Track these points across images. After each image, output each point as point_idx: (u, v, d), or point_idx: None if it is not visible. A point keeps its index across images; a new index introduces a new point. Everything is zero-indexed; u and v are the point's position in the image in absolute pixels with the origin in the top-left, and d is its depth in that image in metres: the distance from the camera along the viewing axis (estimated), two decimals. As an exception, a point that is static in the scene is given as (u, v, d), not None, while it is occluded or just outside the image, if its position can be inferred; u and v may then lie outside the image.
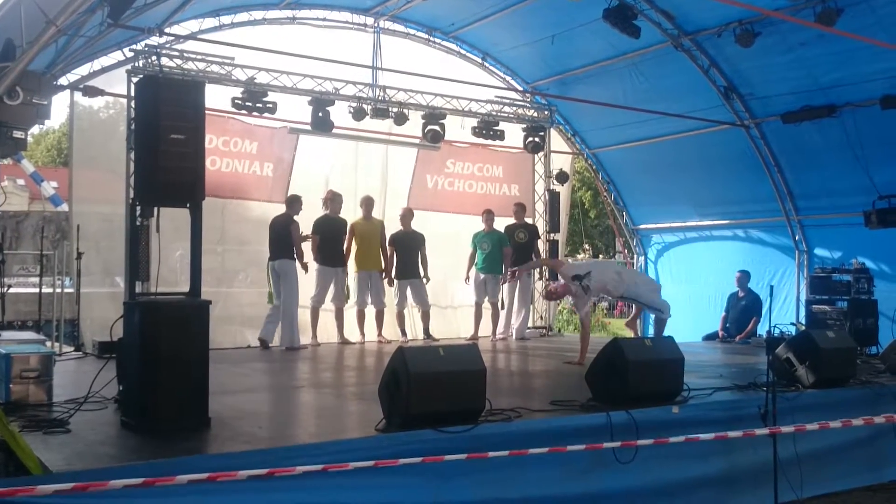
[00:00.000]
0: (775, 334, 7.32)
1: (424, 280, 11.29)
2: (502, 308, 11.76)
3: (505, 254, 11.57)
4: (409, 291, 11.21)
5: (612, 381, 5.74)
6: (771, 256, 13.03)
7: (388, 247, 11.13)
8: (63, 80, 10.01)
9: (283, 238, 10.05)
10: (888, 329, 9.77)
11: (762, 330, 11.10)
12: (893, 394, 6.82)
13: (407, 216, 11.43)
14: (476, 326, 11.67)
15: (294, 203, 10.27)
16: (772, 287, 7.59)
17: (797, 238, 12.63)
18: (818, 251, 12.42)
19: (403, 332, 11.34)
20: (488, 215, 11.71)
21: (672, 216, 14.39)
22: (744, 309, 11.84)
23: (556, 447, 4.78)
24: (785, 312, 12.42)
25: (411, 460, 4.26)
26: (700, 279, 14.02)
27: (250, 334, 10.61)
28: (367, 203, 11.13)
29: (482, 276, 11.56)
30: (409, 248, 11.24)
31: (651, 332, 14.57)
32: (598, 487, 5.29)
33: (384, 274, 11.10)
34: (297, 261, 10.08)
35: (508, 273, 11.03)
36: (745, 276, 12.04)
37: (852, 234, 11.37)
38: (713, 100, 12.03)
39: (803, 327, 10.15)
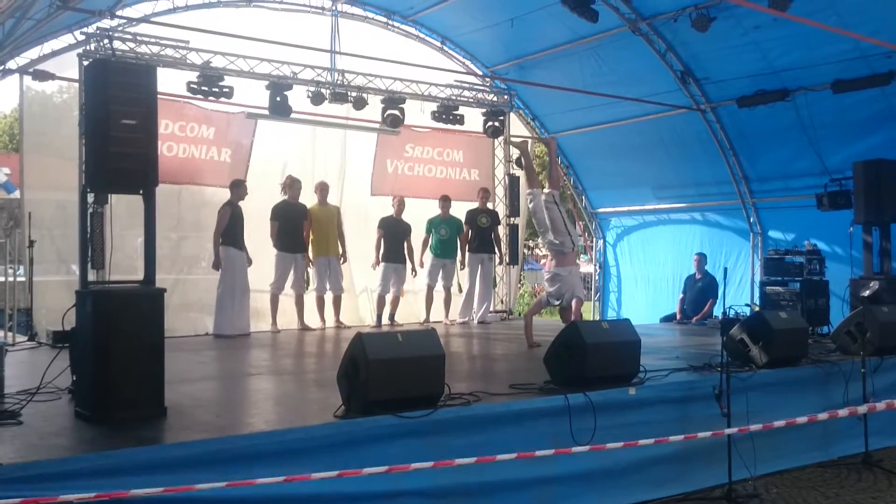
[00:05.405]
0: (730, 315, 7.45)
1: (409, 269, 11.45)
2: (460, 292, 11.81)
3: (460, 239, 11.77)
4: (393, 276, 11.23)
5: (570, 363, 5.78)
6: (727, 239, 13.24)
7: (376, 230, 11.32)
8: (12, 64, 9.78)
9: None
10: (839, 309, 9.97)
11: (718, 311, 11.28)
12: (843, 372, 6.99)
13: (400, 205, 11.53)
14: (428, 311, 11.69)
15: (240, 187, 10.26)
16: (726, 269, 7.73)
17: (752, 220, 12.84)
18: (772, 233, 12.64)
19: (379, 320, 11.27)
20: (444, 202, 11.75)
21: (630, 200, 14.52)
22: (700, 291, 12.03)
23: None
24: (740, 294, 12.63)
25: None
26: (658, 262, 14.22)
27: (209, 321, 10.51)
28: (322, 189, 11.08)
29: (439, 260, 11.58)
30: (396, 234, 11.35)
31: (610, 315, 14.83)
32: (557, 470, 5.34)
33: (342, 259, 11.09)
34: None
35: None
36: (702, 259, 12.27)
37: (805, 216, 11.57)
38: (670, 84, 12.13)
39: (757, 308, 10.33)
